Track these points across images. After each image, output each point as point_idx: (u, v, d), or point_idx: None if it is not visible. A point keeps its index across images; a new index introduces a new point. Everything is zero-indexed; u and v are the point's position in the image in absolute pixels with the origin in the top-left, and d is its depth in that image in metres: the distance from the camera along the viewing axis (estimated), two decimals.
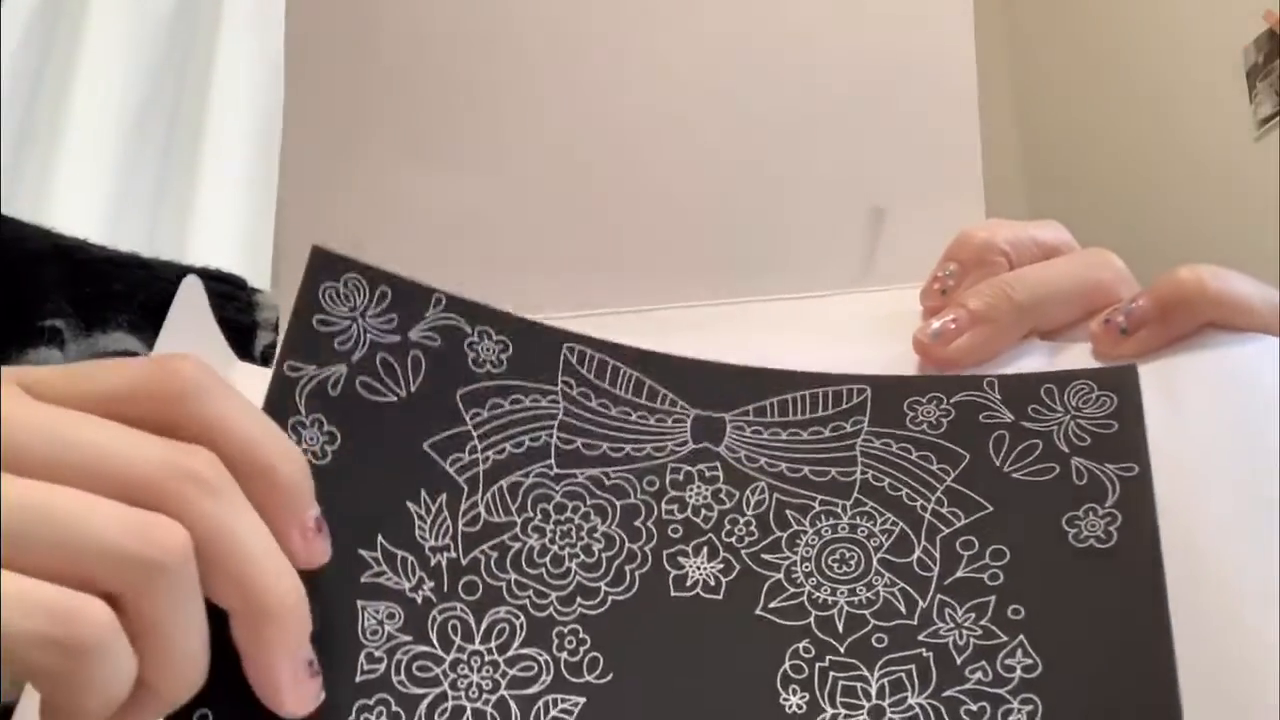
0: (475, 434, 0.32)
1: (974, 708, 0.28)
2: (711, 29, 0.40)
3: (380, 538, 0.30)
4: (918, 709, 0.28)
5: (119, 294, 0.48)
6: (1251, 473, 0.31)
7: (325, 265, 0.33)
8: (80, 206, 1.30)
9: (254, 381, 0.38)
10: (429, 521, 0.30)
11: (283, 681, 0.26)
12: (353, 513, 0.30)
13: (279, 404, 0.31)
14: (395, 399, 0.32)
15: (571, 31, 0.40)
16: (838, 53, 0.40)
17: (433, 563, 0.30)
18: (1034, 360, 0.35)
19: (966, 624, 0.29)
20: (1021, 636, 0.28)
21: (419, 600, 0.29)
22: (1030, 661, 0.28)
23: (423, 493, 0.31)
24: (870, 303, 0.39)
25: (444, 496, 0.31)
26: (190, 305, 0.36)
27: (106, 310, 0.47)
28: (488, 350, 0.33)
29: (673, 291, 0.40)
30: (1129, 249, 0.37)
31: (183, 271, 0.56)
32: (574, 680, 0.29)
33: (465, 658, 0.29)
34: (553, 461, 0.32)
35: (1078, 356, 0.35)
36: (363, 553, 0.29)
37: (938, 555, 0.30)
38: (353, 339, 0.32)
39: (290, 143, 0.41)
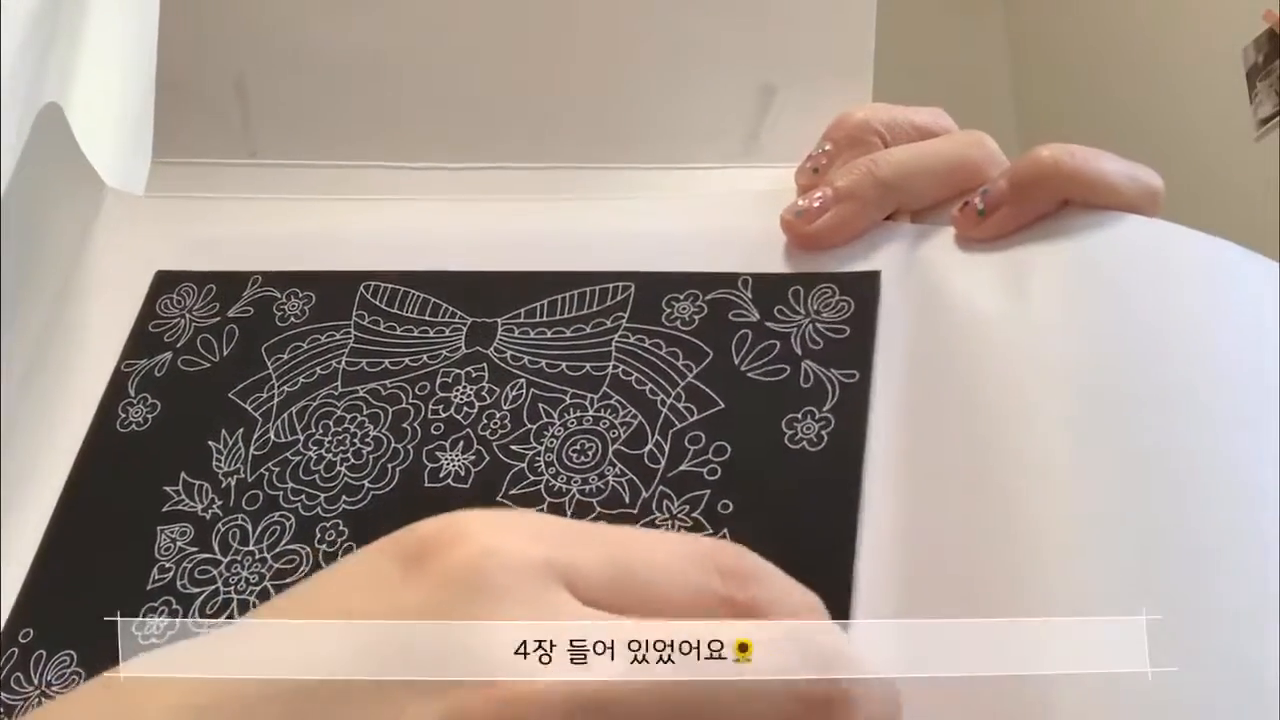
0: (274, 375, 0.35)
1: None
2: None
3: (182, 474, 0.33)
4: None
5: None
6: (1089, 363, 0.29)
7: (163, 283, 0.38)
8: None
9: (127, 208, 0.40)
10: (225, 453, 0.34)
11: None
12: (162, 459, 0.34)
13: (114, 396, 0.35)
14: (209, 365, 0.36)
15: None
16: None
17: (223, 485, 0.33)
18: (898, 244, 0.35)
19: (680, 514, 0.30)
20: (725, 530, 0.29)
21: (208, 517, 0.32)
22: None
23: (223, 432, 0.34)
24: (752, 179, 0.39)
25: (240, 430, 0.34)
26: (51, 131, 0.37)
27: None
28: (294, 307, 0.36)
29: (561, 151, 0.40)
30: None
31: None
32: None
33: (240, 559, 0.32)
34: (338, 383, 0.34)
35: (941, 240, 0.34)
36: (166, 488, 0.33)
37: (667, 449, 0.31)
38: (179, 330, 0.37)
39: None
